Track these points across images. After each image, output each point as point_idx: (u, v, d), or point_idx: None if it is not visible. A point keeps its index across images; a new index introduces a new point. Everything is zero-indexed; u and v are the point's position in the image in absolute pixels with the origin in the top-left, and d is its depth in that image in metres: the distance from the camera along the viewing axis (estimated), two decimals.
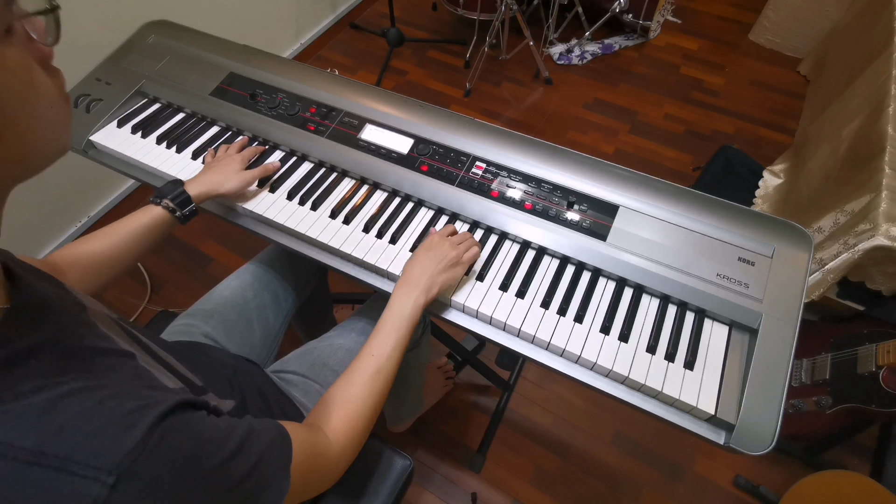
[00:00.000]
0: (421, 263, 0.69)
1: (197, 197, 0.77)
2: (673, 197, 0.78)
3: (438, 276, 0.68)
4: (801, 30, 2.17)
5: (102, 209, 1.75)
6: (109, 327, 0.44)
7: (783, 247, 0.72)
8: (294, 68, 0.99)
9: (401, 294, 0.66)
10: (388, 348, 0.62)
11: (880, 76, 1.30)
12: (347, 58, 2.40)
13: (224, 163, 0.83)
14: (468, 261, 0.72)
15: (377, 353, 0.61)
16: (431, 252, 0.70)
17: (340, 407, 0.57)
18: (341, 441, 0.54)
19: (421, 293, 0.66)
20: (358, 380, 0.59)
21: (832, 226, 1.14)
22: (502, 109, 2.15)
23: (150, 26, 1.09)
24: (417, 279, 0.67)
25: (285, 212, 0.84)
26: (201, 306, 0.87)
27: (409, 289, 0.66)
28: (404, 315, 0.64)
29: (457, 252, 0.71)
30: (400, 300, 0.66)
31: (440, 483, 1.29)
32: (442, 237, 0.73)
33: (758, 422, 0.61)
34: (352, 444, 0.55)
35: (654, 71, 2.26)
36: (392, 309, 0.65)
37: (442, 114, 0.90)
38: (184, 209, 0.75)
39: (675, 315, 0.72)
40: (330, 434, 0.54)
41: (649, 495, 1.26)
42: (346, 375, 0.60)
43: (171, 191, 0.75)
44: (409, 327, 0.64)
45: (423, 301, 0.66)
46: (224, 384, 0.67)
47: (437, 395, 1.38)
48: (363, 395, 0.58)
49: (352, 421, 0.56)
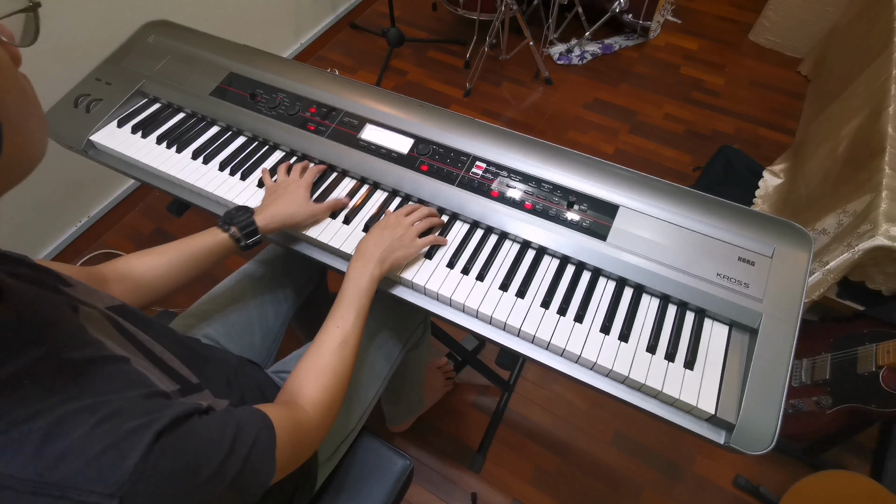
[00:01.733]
0: (374, 240, 0.72)
1: (264, 228, 0.76)
2: (673, 197, 0.78)
3: (392, 252, 0.72)
4: (801, 30, 2.17)
5: (102, 209, 1.75)
6: (101, 329, 0.43)
7: (783, 247, 0.72)
8: (294, 68, 0.99)
9: (357, 267, 0.69)
10: (350, 318, 0.65)
11: (880, 76, 1.30)
12: (347, 58, 2.40)
13: (292, 191, 0.80)
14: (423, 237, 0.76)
15: (341, 324, 0.64)
16: (386, 230, 0.73)
17: (314, 378, 0.59)
18: (319, 410, 0.57)
19: (375, 265, 0.69)
20: (326, 350, 0.62)
21: (836, 227, 1.13)
22: (502, 109, 2.15)
23: (150, 26, 1.09)
24: (371, 253, 0.70)
25: None
26: (201, 306, 0.87)
27: (364, 262, 0.69)
28: (361, 286, 0.67)
29: (412, 231, 0.75)
30: (356, 273, 0.68)
31: (440, 483, 1.29)
32: (398, 216, 0.76)
33: (758, 422, 0.61)
34: (329, 413, 0.58)
35: (654, 71, 2.26)
36: (349, 281, 0.68)
37: (442, 114, 0.90)
38: (249, 239, 0.75)
39: (675, 315, 0.72)
40: (307, 406, 0.56)
41: (649, 495, 1.26)
42: (315, 347, 0.62)
43: (240, 219, 0.74)
44: (367, 297, 0.67)
45: (378, 273, 0.69)
46: (222, 383, 0.67)
47: (437, 395, 1.38)
48: (333, 364, 0.61)
49: (326, 390, 0.59)
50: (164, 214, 1.83)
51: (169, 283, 0.70)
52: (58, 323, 0.39)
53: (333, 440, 0.77)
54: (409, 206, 0.81)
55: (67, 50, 1.39)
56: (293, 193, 0.80)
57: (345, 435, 0.79)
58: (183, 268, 0.71)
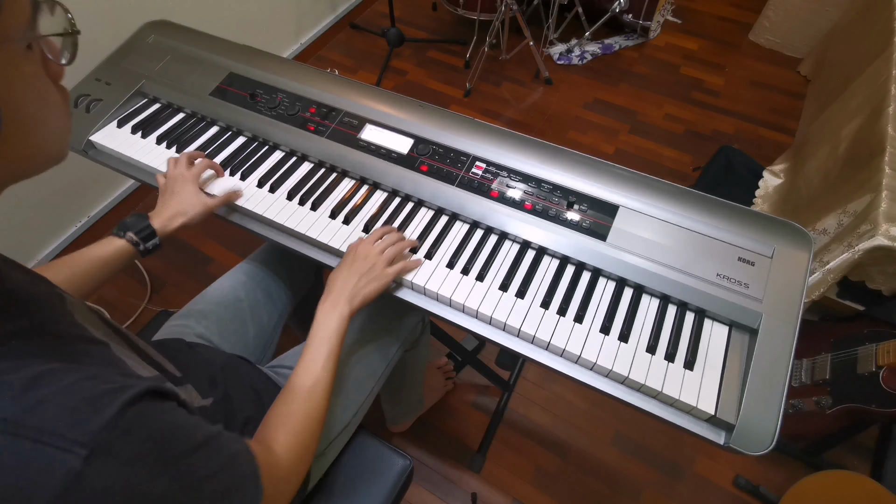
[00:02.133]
0: (343, 277, 0.71)
1: (162, 231, 0.76)
2: (673, 197, 0.78)
3: (362, 288, 0.70)
4: (801, 30, 2.17)
5: (102, 209, 1.75)
6: (86, 318, 0.45)
7: (783, 247, 0.72)
8: (294, 68, 0.99)
9: (325, 309, 0.68)
10: (320, 361, 0.64)
11: (880, 76, 1.30)
12: (347, 58, 2.40)
13: (179, 188, 0.80)
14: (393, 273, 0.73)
15: (312, 367, 0.63)
16: (355, 265, 0.72)
17: (283, 423, 0.58)
18: (289, 457, 0.55)
19: (344, 304, 0.68)
20: (297, 395, 0.61)
21: (836, 227, 1.13)
22: (502, 109, 2.15)
23: (150, 26, 1.09)
24: (339, 292, 0.69)
25: (285, 212, 0.84)
26: (194, 306, 0.87)
27: (332, 302, 0.68)
28: (330, 328, 0.66)
29: (381, 260, 0.72)
30: (325, 315, 0.67)
31: (440, 483, 1.29)
32: (366, 246, 0.74)
33: (758, 422, 0.61)
34: (300, 458, 0.57)
35: (654, 71, 2.26)
36: (318, 323, 0.67)
37: (442, 114, 0.90)
38: (147, 243, 0.74)
39: (675, 315, 0.72)
40: (278, 450, 0.54)
41: (649, 495, 1.26)
42: (284, 393, 0.61)
43: (135, 224, 0.74)
44: (337, 338, 0.66)
45: (349, 311, 0.68)
46: (204, 381, 0.67)
47: (437, 395, 1.38)
48: (304, 409, 0.60)
49: (297, 435, 0.57)
50: None
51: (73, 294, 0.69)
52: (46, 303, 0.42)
53: (326, 435, 0.77)
54: (378, 231, 0.78)
55: None
56: (182, 191, 0.79)
57: (338, 430, 0.78)
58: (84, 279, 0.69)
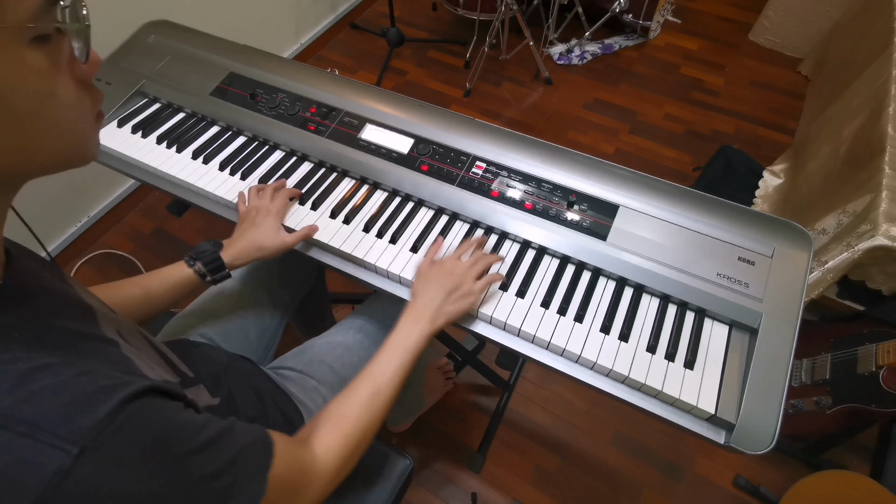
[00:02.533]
0: (430, 293, 0.68)
1: (231, 264, 0.75)
2: (673, 197, 0.78)
3: (449, 306, 0.68)
4: (801, 30, 2.17)
5: (102, 209, 1.75)
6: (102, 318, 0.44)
7: (783, 247, 0.72)
8: (294, 68, 0.99)
9: (408, 321, 0.66)
10: (388, 372, 0.61)
11: (880, 76, 1.30)
12: (347, 58, 2.40)
13: (260, 221, 0.77)
14: (480, 288, 0.70)
15: (377, 373, 0.61)
16: (443, 279, 0.69)
17: (333, 424, 0.56)
18: (330, 459, 0.52)
19: (427, 323, 0.66)
20: (354, 398, 0.58)
21: (836, 227, 1.13)
22: (502, 109, 2.15)
23: (150, 26, 1.09)
24: (425, 308, 0.67)
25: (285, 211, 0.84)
26: (197, 306, 0.87)
27: (416, 317, 0.66)
28: (409, 341, 0.64)
29: (469, 282, 0.69)
30: (406, 327, 0.65)
31: (440, 483, 1.29)
32: (454, 262, 0.70)
33: (758, 421, 0.61)
34: (341, 463, 0.54)
35: (654, 71, 2.26)
36: (397, 333, 0.65)
37: (442, 114, 0.90)
38: (215, 275, 0.74)
39: (675, 315, 0.72)
40: (318, 450, 0.52)
41: (649, 495, 1.26)
42: (344, 393, 0.59)
43: (206, 255, 0.73)
44: (412, 354, 0.64)
45: (429, 331, 0.66)
46: (210, 380, 0.67)
47: (437, 395, 1.37)
48: (358, 414, 0.57)
49: (344, 439, 0.55)
50: (164, 214, 1.83)
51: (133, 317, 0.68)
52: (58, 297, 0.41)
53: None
54: (464, 245, 0.74)
55: None
56: (262, 224, 0.77)
57: None
58: (147, 302, 0.69)
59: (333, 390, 0.79)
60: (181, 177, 0.89)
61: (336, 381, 0.81)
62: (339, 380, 0.81)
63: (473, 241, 0.75)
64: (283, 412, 0.73)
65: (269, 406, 0.72)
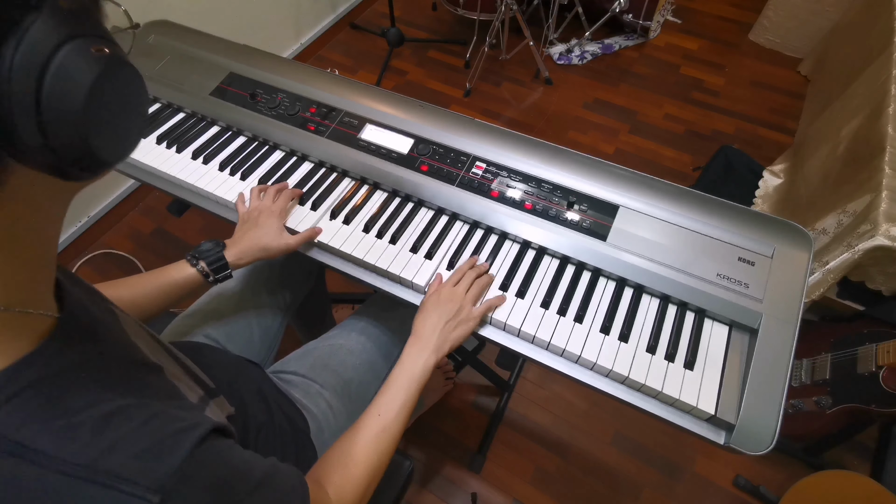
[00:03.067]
0: (432, 323, 0.68)
1: (235, 264, 0.74)
2: (673, 197, 0.78)
3: (450, 332, 0.68)
4: (801, 30, 2.17)
5: (102, 209, 1.75)
6: (137, 335, 0.44)
7: (783, 247, 0.72)
8: (294, 68, 0.99)
9: (412, 354, 0.66)
10: (395, 408, 0.61)
11: (880, 76, 1.30)
12: (347, 58, 2.40)
13: (263, 221, 0.77)
14: (481, 313, 0.71)
15: (384, 412, 0.61)
16: (440, 308, 0.69)
17: (343, 467, 0.56)
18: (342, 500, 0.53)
19: (431, 353, 0.66)
20: (362, 439, 0.58)
21: (836, 227, 1.13)
22: (502, 109, 2.15)
23: (150, 26, 1.09)
24: (428, 338, 0.67)
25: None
26: (200, 307, 0.87)
27: (420, 348, 0.66)
28: (414, 376, 0.64)
29: (467, 305, 0.70)
30: (410, 360, 0.65)
31: (440, 483, 1.29)
32: (451, 290, 0.71)
33: (758, 422, 0.61)
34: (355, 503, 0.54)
35: (654, 71, 2.26)
36: (402, 367, 0.65)
37: (442, 114, 0.90)
38: (218, 274, 0.73)
39: (675, 315, 0.72)
40: (331, 492, 0.52)
41: (649, 495, 1.26)
42: (351, 433, 0.59)
43: (210, 254, 0.73)
44: (418, 387, 0.64)
45: (434, 361, 0.66)
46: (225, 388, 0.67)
47: (437, 395, 1.37)
48: (367, 454, 0.57)
49: (355, 480, 0.55)
50: (164, 214, 1.83)
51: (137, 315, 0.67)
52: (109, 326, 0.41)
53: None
54: (459, 271, 0.75)
55: None
56: (265, 225, 0.77)
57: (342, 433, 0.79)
58: (150, 301, 0.69)
59: (337, 394, 0.79)
60: (181, 177, 0.89)
61: (340, 386, 0.80)
62: (342, 384, 0.81)
63: (465, 266, 0.76)
64: (289, 418, 0.73)
65: (276, 412, 0.72)
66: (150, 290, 0.69)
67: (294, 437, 0.71)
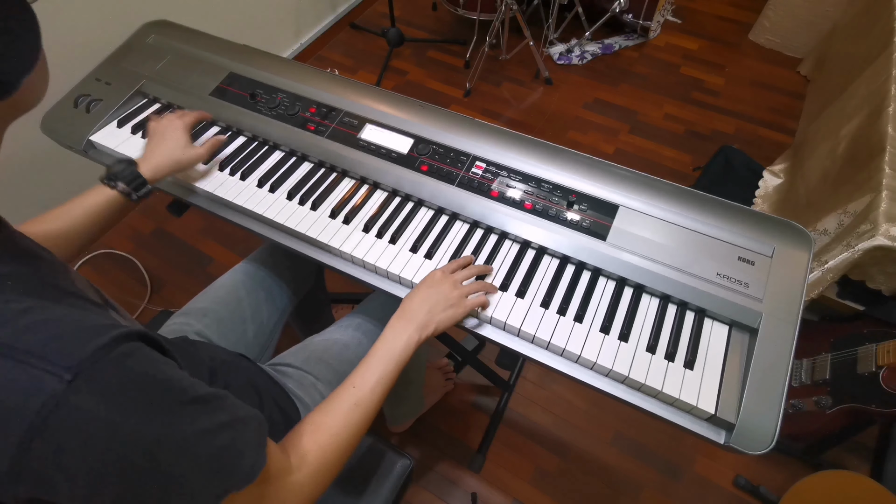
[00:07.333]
0: (420, 298, 0.67)
1: (152, 178, 0.76)
2: (673, 197, 0.78)
3: (437, 314, 0.66)
4: (801, 30, 2.17)
5: None
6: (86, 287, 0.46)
7: (783, 247, 0.72)
8: (294, 68, 0.99)
9: (395, 327, 0.65)
10: (371, 381, 0.59)
11: (880, 76, 1.30)
12: (347, 58, 2.40)
13: (170, 135, 0.80)
14: (471, 304, 0.69)
15: (359, 384, 0.59)
16: (433, 289, 0.68)
17: (311, 433, 0.54)
18: (305, 470, 0.50)
19: (415, 330, 0.64)
20: (335, 409, 0.57)
21: (837, 227, 1.13)
22: (502, 109, 2.15)
23: (150, 26, 1.09)
24: (413, 314, 0.65)
25: (285, 211, 0.84)
26: (195, 305, 0.87)
27: (404, 323, 0.65)
28: (394, 350, 0.62)
29: (459, 292, 0.69)
30: (393, 333, 0.64)
31: (440, 483, 1.29)
32: (445, 274, 0.70)
33: (758, 421, 0.61)
34: (318, 474, 0.52)
35: (654, 71, 2.26)
36: (383, 341, 0.63)
37: (442, 114, 0.90)
38: (139, 191, 0.74)
39: (675, 315, 0.72)
40: (295, 459, 0.50)
41: (649, 495, 1.26)
42: (325, 403, 0.58)
43: (126, 174, 0.73)
44: (397, 363, 0.62)
45: (417, 339, 0.64)
46: (205, 374, 0.67)
47: (437, 395, 1.38)
48: (337, 426, 0.55)
49: (321, 449, 0.53)
50: (164, 214, 1.82)
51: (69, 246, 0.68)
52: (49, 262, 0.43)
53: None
54: (457, 261, 0.74)
55: (67, 50, 1.39)
56: (172, 139, 0.79)
57: None
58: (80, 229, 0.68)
59: (331, 386, 0.80)
60: (180, 177, 0.89)
61: (334, 378, 0.81)
62: (336, 376, 0.81)
63: (461, 259, 0.75)
64: (281, 407, 0.73)
65: (267, 401, 0.72)
66: (78, 218, 0.69)
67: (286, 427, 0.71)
